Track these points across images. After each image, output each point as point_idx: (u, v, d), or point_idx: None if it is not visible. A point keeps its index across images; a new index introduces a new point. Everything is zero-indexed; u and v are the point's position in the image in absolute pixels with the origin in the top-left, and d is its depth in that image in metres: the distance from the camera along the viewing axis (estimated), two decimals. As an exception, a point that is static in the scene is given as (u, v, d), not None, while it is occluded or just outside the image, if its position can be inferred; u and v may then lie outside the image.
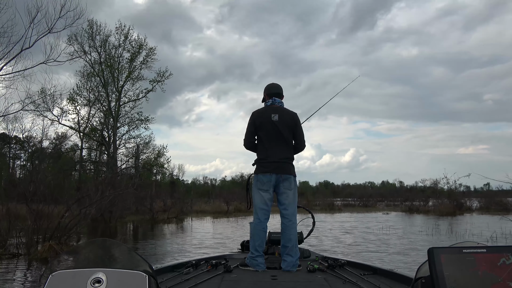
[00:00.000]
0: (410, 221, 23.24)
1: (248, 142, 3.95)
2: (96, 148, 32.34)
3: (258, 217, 3.71)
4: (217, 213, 29.26)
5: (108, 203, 15.34)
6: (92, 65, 29.99)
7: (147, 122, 31.30)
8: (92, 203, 11.33)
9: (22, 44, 16.23)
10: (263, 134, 3.84)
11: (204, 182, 70.26)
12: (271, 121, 3.80)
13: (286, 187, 3.75)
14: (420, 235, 15.24)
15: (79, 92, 30.00)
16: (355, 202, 42.91)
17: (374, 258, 9.74)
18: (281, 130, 3.78)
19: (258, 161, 3.86)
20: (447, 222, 21.27)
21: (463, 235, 14.68)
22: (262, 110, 3.95)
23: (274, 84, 4.09)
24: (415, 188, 48.03)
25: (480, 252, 1.69)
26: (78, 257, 1.83)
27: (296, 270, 3.47)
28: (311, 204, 36.68)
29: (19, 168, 38.96)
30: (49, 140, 32.01)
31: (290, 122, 3.84)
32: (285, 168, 3.77)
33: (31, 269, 8.69)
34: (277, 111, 3.85)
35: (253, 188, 3.85)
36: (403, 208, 34.88)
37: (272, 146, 3.79)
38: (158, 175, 38.10)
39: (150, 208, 23.57)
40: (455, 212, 27.84)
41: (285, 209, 3.72)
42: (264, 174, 3.75)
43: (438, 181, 33.63)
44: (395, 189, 61.34)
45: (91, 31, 29.50)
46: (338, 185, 78.84)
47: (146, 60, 31.03)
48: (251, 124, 3.91)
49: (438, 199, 32.67)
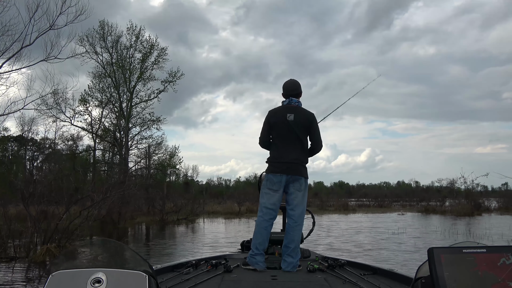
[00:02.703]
0: (426, 221, 22.65)
1: (263, 141, 3.93)
2: (109, 149, 32.41)
3: (263, 216, 3.67)
4: (229, 214, 29.07)
5: (117, 204, 15.14)
6: (103, 66, 30.09)
7: (159, 122, 31.28)
8: (93, 204, 11.10)
9: (22, 41, 15.80)
10: (277, 133, 3.80)
11: (219, 182, 70.22)
12: (286, 121, 3.73)
13: (296, 188, 3.69)
14: (435, 236, 14.72)
15: (90, 93, 30.14)
16: (370, 202, 42.20)
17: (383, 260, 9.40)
18: (295, 130, 3.72)
19: (270, 161, 3.82)
20: (464, 223, 20.66)
21: (482, 236, 14.09)
22: (278, 109, 3.89)
23: (290, 82, 3.97)
24: (431, 188, 47.04)
25: (480, 252, 1.69)
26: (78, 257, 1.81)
27: (296, 270, 3.43)
28: (325, 204, 36.25)
29: (35, 169, 39.40)
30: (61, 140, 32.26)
31: (306, 123, 3.77)
32: (296, 169, 3.71)
33: (28, 272, 8.51)
34: (293, 111, 3.77)
35: (262, 187, 3.81)
36: (419, 208, 34.17)
37: (285, 146, 3.74)
38: (172, 176, 38.11)
39: (160, 209, 23.42)
40: (473, 212, 27.15)
41: (292, 210, 3.68)
42: (274, 174, 3.71)
43: (455, 180, 32.82)
44: (411, 189, 60.38)
45: (103, 32, 29.61)
46: (353, 186, 78.19)
47: (158, 61, 31.00)
48: (266, 123, 3.87)
49: (455, 199, 31.89)
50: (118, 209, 17.50)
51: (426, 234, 15.60)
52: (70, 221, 10.14)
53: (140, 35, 30.68)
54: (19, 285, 7.28)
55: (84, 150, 33.12)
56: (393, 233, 15.88)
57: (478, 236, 14.28)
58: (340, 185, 79.05)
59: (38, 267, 8.86)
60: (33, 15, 15.61)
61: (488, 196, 37.39)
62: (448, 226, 18.55)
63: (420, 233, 16.08)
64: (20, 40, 15.70)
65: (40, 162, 39.26)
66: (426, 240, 13.68)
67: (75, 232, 10.27)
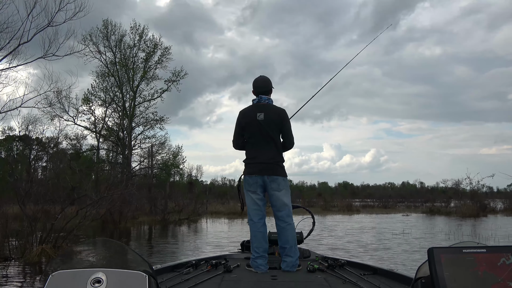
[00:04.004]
0: (431, 223, 22.38)
1: (236, 143, 3.84)
2: (112, 148, 32.37)
3: (251, 218, 3.63)
4: (232, 214, 28.91)
5: (117, 204, 14.99)
6: (107, 65, 30.05)
7: (162, 122, 31.22)
8: (89, 204, 10.93)
9: (20, 38, 15.36)
10: (250, 134, 3.71)
11: (223, 182, 70.10)
12: (256, 121, 3.64)
13: (274, 189, 3.61)
14: (441, 237, 14.49)
15: (94, 92, 30.11)
16: (374, 203, 41.87)
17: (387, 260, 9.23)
18: (267, 129, 3.63)
19: (245, 162, 3.75)
20: (470, 224, 20.39)
21: (488, 238, 13.83)
22: (248, 109, 3.79)
23: (259, 78, 3.86)
24: (436, 189, 46.63)
25: (480, 252, 1.68)
26: (78, 257, 1.80)
27: (296, 270, 3.41)
28: (328, 205, 35.98)
29: (40, 169, 39.43)
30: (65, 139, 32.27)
31: (277, 120, 3.67)
32: (272, 169, 3.62)
33: (21, 273, 8.35)
34: (262, 110, 3.68)
35: (244, 189, 3.77)
36: (424, 209, 33.83)
37: (259, 147, 3.67)
38: (176, 175, 37.98)
39: (162, 209, 23.29)
40: (478, 213, 26.80)
41: (278, 211, 3.61)
42: (250, 175, 3.66)
43: (461, 181, 32.37)
44: (416, 190, 59.92)
45: (106, 31, 29.59)
46: (357, 186, 77.75)
47: (161, 60, 30.96)
48: (237, 124, 3.79)
49: (460, 200, 31.53)
50: (119, 208, 17.33)
51: (431, 235, 15.38)
52: (66, 221, 9.96)
53: (144, 34, 30.68)
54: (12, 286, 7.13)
55: (87, 150, 33.14)
56: (397, 234, 15.66)
57: (484, 237, 14.02)
58: (344, 186, 78.69)
59: (32, 268, 8.67)
60: (31, 11, 15.25)
61: (494, 197, 36.97)
62: (454, 227, 18.28)
63: (425, 234, 15.85)
64: (17, 37, 15.33)
65: (45, 162, 39.28)
66: (433, 241, 13.46)
67: (72, 232, 10.08)
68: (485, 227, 18.46)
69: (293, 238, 3.53)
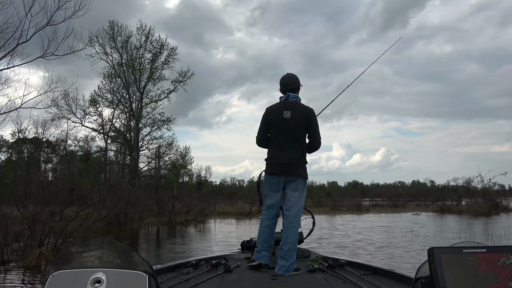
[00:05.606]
0: (442, 221, 22.03)
1: (260, 140, 3.76)
2: (119, 150, 32.39)
3: (266, 215, 3.62)
4: (240, 215, 28.83)
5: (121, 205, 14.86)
6: (113, 66, 30.10)
7: (169, 123, 31.16)
8: (89, 205, 10.80)
9: (19, 38, 14.95)
10: (274, 132, 3.63)
11: (232, 183, 70.05)
12: (282, 119, 3.56)
13: (292, 188, 3.55)
14: (451, 236, 14.17)
15: (100, 93, 30.15)
16: (384, 202, 41.47)
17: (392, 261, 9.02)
18: (292, 128, 3.54)
19: (267, 161, 3.67)
20: (482, 223, 20.01)
21: (501, 237, 13.49)
22: (274, 106, 3.71)
23: (287, 76, 3.76)
24: (447, 187, 46.04)
25: (480, 252, 1.68)
26: (78, 257, 1.79)
27: (289, 275, 3.27)
28: (337, 205, 35.70)
29: (50, 171, 39.66)
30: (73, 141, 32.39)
31: (304, 119, 3.57)
32: (294, 170, 3.55)
33: (19, 276, 8.20)
34: (290, 108, 3.58)
35: (263, 186, 3.73)
36: (435, 208, 33.39)
37: (282, 145, 3.58)
38: (185, 176, 37.91)
39: (169, 210, 23.23)
40: (490, 212, 26.39)
41: (287, 210, 3.55)
42: (272, 176, 3.59)
43: (472, 179, 31.87)
44: (426, 189, 59.29)
45: (112, 32, 29.63)
46: (367, 185, 77.24)
47: (168, 60, 30.92)
48: (263, 121, 3.71)
49: (471, 198, 31.02)
50: (124, 210, 17.24)
51: (442, 234, 15.07)
52: (66, 223, 9.83)
53: (150, 35, 30.67)
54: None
55: (96, 151, 33.20)
56: (405, 233, 15.38)
57: (496, 236, 13.71)
58: (354, 185, 78.23)
59: (30, 272, 8.50)
60: (29, 10, 14.88)
61: (506, 196, 36.35)
62: (465, 226, 17.94)
63: (434, 233, 15.54)
64: (16, 37, 14.90)
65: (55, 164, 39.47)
66: (443, 240, 13.15)
67: (72, 235, 9.93)
68: (498, 226, 18.08)
69: (293, 240, 3.43)
